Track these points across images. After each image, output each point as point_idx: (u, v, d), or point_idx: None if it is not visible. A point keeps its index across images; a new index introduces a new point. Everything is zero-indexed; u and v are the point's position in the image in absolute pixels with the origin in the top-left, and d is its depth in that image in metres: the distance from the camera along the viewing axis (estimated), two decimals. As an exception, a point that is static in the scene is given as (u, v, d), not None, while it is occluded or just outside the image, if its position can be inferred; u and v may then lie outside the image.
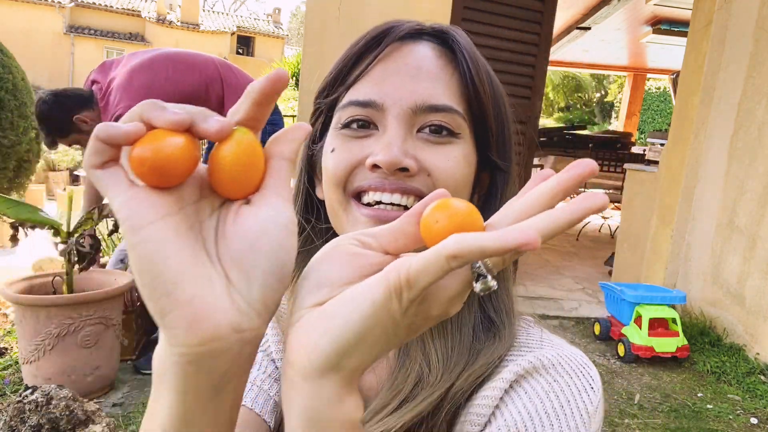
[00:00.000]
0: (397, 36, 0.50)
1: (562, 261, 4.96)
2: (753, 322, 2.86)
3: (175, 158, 0.28)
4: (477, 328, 0.50)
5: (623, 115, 10.61)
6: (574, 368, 0.46)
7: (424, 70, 0.48)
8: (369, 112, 0.48)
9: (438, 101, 0.47)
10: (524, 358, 0.46)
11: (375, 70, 0.49)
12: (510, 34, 3.57)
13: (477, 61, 0.49)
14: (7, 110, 4.67)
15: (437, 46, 0.50)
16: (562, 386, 0.44)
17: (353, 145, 0.48)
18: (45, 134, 2.20)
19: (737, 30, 3.16)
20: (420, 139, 0.48)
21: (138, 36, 20.60)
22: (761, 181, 2.89)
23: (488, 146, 0.51)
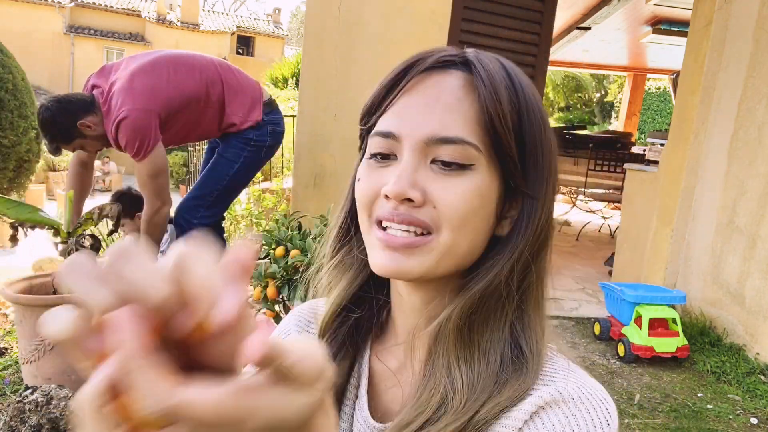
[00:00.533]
0: (424, 67, 0.51)
1: (562, 261, 4.96)
2: (753, 322, 2.86)
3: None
4: (505, 356, 0.50)
5: (623, 115, 10.61)
6: (594, 403, 0.48)
7: (442, 101, 0.49)
8: (389, 143, 0.51)
9: (449, 133, 0.48)
10: (546, 390, 0.48)
11: (398, 102, 0.51)
12: (510, 34, 3.57)
13: (498, 85, 0.49)
14: (7, 110, 4.67)
15: (463, 74, 0.51)
16: (579, 421, 0.46)
17: (375, 175, 0.51)
18: (49, 141, 2.17)
19: (737, 30, 3.16)
20: (432, 170, 0.49)
21: (138, 36, 20.59)
22: (761, 181, 2.89)
23: (512, 174, 0.51)
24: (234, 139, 2.41)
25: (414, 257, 0.49)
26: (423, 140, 0.49)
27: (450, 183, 0.49)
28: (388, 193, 0.48)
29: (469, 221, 0.49)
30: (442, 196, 0.49)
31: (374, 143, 0.52)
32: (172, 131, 2.28)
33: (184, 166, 13.28)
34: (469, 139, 0.49)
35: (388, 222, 0.49)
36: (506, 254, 0.51)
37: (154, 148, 2.17)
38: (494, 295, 0.51)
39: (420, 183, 0.49)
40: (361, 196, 0.52)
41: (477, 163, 0.49)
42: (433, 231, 0.49)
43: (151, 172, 2.21)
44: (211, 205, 2.42)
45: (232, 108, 2.37)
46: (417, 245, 0.49)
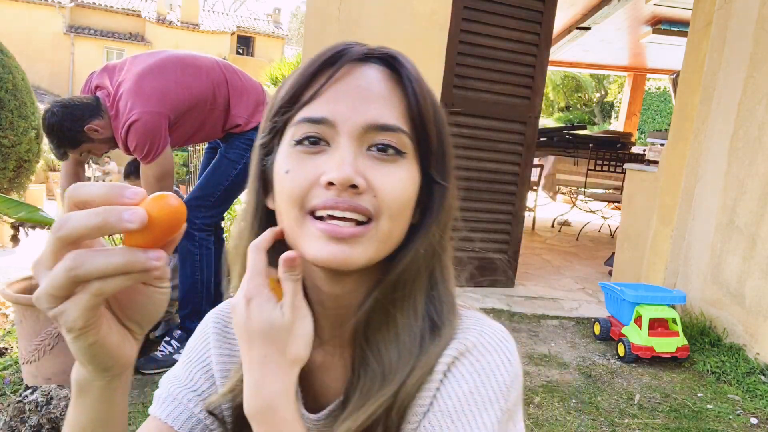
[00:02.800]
0: (350, 58, 0.52)
1: (562, 261, 4.96)
2: (753, 322, 2.86)
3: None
4: (423, 329, 0.54)
5: (623, 115, 10.60)
6: (494, 344, 0.53)
7: (375, 92, 0.51)
8: (321, 129, 0.51)
9: (387, 121, 0.51)
10: (452, 346, 0.53)
11: (328, 90, 0.51)
12: (510, 34, 3.57)
13: (421, 84, 0.53)
14: (7, 110, 4.67)
15: (385, 69, 0.54)
16: (483, 364, 0.51)
17: (307, 164, 0.51)
18: (56, 146, 2.14)
19: (737, 30, 3.16)
20: (369, 158, 0.51)
21: (138, 36, 20.59)
22: (761, 181, 2.89)
23: (429, 164, 0.54)
24: (237, 140, 2.41)
25: (358, 246, 0.49)
26: (362, 126, 0.50)
27: (388, 171, 0.50)
28: (332, 180, 0.48)
29: (404, 209, 0.52)
30: (382, 183, 0.50)
31: (302, 129, 0.51)
32: (178, 133, 2.27)
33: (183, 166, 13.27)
34: (403, 128, 0.51)
35: (330, 210, 0.48)
36: (421, 240, 0.54)
37: (164, 150, 2.17)
38: (407, 279, 0.54)
39: (361, 170, 0.49)
40: (292, 187, 0.50)
41: (408, 153, 0.52)
42: (374, 219, 0.50)
43: (159, 175, 2.20)
44: (212, 205, 2.41)
45: (237, 110, 2.36)
46: (362, 234, 0.49)
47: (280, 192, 0.52)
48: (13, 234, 2.02)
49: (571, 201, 7.22)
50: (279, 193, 0.53)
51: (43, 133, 2.17)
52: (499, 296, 3.64)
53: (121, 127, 2.12)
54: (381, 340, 0.53)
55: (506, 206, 3.76)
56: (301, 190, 0.50)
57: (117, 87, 2.16)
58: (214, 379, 0.63)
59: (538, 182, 6.76)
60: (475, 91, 3.54)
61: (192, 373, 0.63)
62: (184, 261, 2.39)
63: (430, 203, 0.55)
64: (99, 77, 2.24)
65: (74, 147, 2.16)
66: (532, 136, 3.74)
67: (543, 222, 6.93)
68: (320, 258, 0.49)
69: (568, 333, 3.14)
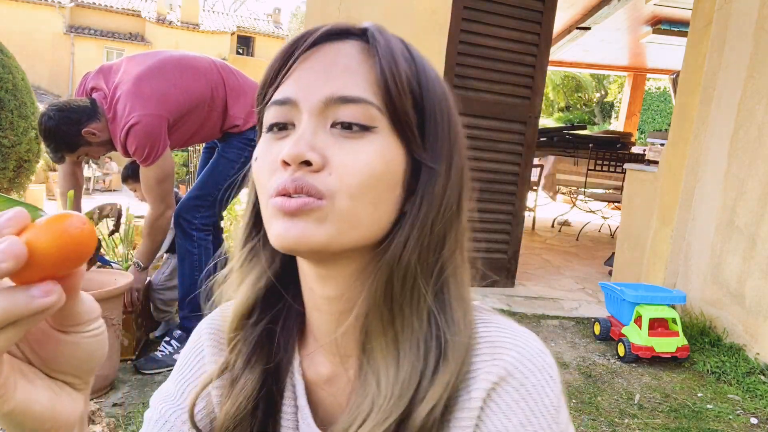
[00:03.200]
0: (319, 35, 0.49)
1: (562, 261, 4.96)
2: (753, 322, 2.86)
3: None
4: (428, 345, 0.48)
5: (623, 115, 10.61)
6: (535, 362, 0.48)
7: (341, 65, 0.47)
8: (286, 111, 0.48)
9: (350, 92, 0.46)
10: (491, 370, 0.47)
11: (296, 69, 0.48)
12: (510, 34, 3.57)
13: (395, 50, 0.48)
14: (7, 110, 4.67)
15: (361, 43, 0.49)
16: (529, 389, 0.46)
17: (272, 148, 0.48)
18: (53, 150, 2.12)
19: (737, 30, 3.16)
20: (333, 135, 0.46)
21: (138, 36, 20.60)
22: (761, 181, 2.89)
23: (411, 141, 0.48)
24: (235, 139, 2.41)
25: (311, 223, 0.44)
26: (322, 101, 0.46)
27: (351, 146, 0.46)
28: (285, 158, 0.44)
29: (370, 188, 0.46)
30: (341, 159, 0.45)
31: (270, 115, 0.49)
32: (177, 135, 2.27)
33: (183, 166, 13.27)
34: (370, 99, 0.46)
35: (285, 194, 0.45)
36: (407, 225, 0.48)
37: (163, 152, 2.16)
38: (407, 275, 0.48)
39: (319, 146, 0.45)
40: (259, 174, 0.48)
41: (380, 126, 0.47)
42: (325, 197, 0.44)
43: (159, 177, 2.20)
44: (211, 205, 2.41)
45: (235, 110, 2.36)
46: (312, 207, 0.44)
47: (255, 183, 0.50)
48: (13, 234, 2.02)
49: (571, 201, 7.22)
50: (255, 185, 0.50)
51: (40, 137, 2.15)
52: (499, 296, 3.63)
53: (120, 131, 2.10)
54: (377, 349, 0.48)
55: (506, 206, 3.76)
56: (265, 174, 0.47)
57: (114, 89, 2.14)
58: (210, 396, 0.57)
59: (538, 182, 6.76)
60: (475, 91, 3.54)
61: (186, 390, 0.58)
62: (183, 261, 2.39)
63: (419, 187, 0.49)
64: (94, 79, 2.22)
65: (72, 151, 2.14)
66: (532, 136, 3.74)
67: (543, 222, 6.93)
68: (276, 236, 0.46)
69: (568, 333, 3.14)
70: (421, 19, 3.39)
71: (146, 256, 2.38)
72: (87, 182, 13.07)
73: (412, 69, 0.49)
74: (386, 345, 0.48)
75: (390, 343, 0.48)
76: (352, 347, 0.52)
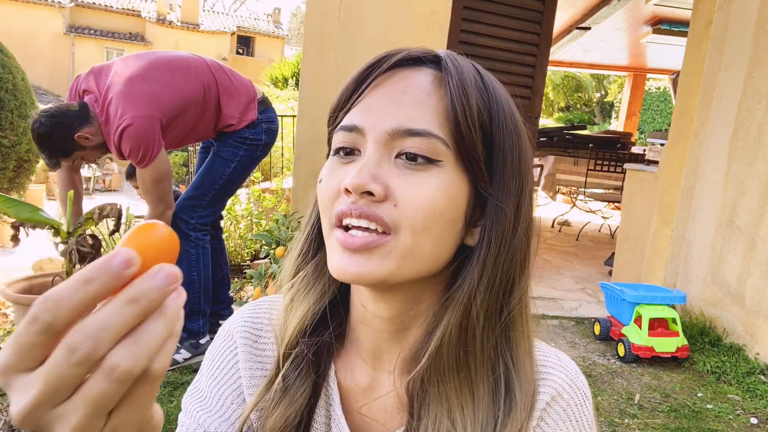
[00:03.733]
0: (393, 62, 0.49)
1: (562, 261, 4.96)
2: (753, 322, 2.86)
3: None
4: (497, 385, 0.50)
5: (623, 115, 10.61)
6: (576, 384, 0.53)
7: (409, 95, 0.47)
8: (353, 137, 0.48)
9: (416, 125, 0.46)
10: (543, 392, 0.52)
11: (367, 96, 0.49)
12: (510, 34, 3.57)
13: (467, 81, 0.47)
14: (7, 110, 4.67)
15: (433, 71, 0.49)
16: (573, 409, 0.52)
17: (337, 172, 0.48)
18: (47, 157, 2.10)
19: (737, 30, 3.16)
20: (397, 165, 0.46)
21: (138, 36, 20.59)
22: (761, 181, 2.89)
23: (477, 176, 0.48)
24: (230, 138, 2.40)
25: (373, 259, 0.45)
26: (387, 132, 0.46)
27: (415, 179, 0.46)
28: (347, 186, 0.45)
29: (433, 222, 0.46)
30: (405, 192, 0.45)
31: (338, 139, 0.49)
32: (170, 136, 2.26)
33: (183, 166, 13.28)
34: (436, 132, 0.46)
35: (346, 217, 0.46)
36: (475, 263, 0.48)
37: (158, 153, 2.16)
38: (479, 316, 0.48)
39: (382, 177, 0.45)
40: (322, 196, 0.49)
41: (445, 160, 0.46)
42: (392, 231, 0.45)
43: (155, 178, 2.20)
44: (207, 204, 2.41)
45: (228, 110, 2.35)
46: (375, 245, 0.45)
47: (319, 203, 0.51)
48: (14, 234, 2.02)
49: (571, 201, 7.22)
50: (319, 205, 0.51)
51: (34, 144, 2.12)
52: (499, 296, 3.64)
53: (113, 133, 2.09)
54: (449, 385, 0.48)
55: (506, 206, 3.76)
56: (329, 198, 0.48)
57: (106, 91, 2.12)
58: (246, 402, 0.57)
59: (538, 182, 6.76)
60: (475, 91, 3.54)
61: (222, 396, 0.56)
62: (181, 261, 2.38)
63: (486, 224, 0.48)
64: (86, 81, 2.19)
65: (67, 156, 2.12)
66: (532, 136, 3.74)
67: (543, 222, 6.93)
68: (335, 270, 0.47)
69: (568, 333, 3.14)
70: (421, 19, 3.39)
71: None
72: (87, 182, 13.07)
73: (483, 101, 0.48)
74: (459, 383, 0.48)
75: (464, 382, 0.49)
76: (400, 365, 0.53)
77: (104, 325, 0.26)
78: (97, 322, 0.26)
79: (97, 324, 0.26)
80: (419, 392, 0.50)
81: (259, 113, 2.45)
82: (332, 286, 0.55)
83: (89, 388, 0.26)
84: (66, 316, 0.26)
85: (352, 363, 0.56)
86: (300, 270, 0.56)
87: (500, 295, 0.49)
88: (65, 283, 0.27)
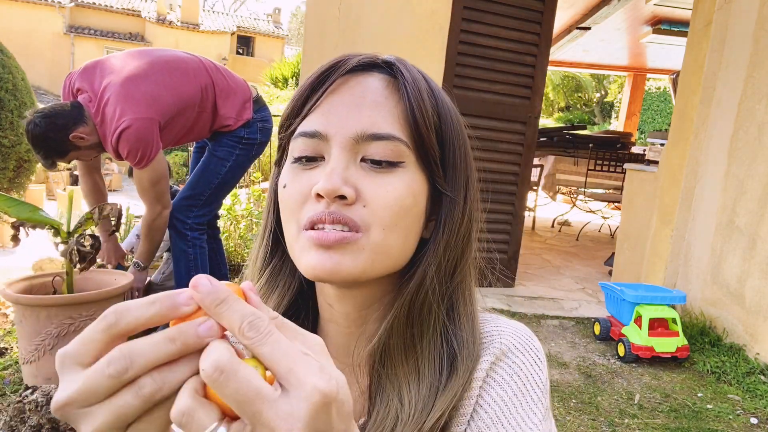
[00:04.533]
0: (347, 68, 0.51)
1: (562, 261, 4.96)
2: (753, 322, 2.86)
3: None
4: (442, 359, 0.52)
5: (623, 115, 10.60)
6: (526, 346, 0.53)
7: (369, 99, 0.49)
8: (315, 144, 0.49)
9: (379, 129, 0.48)
10: (490, 351, 0.52)
11: (324, 102, 0.50)
12: (510, 34, 3.57)
13: (420, 88, 0.51)
14: (7, 110, 4.67)
15: (385, 77, 0.52)
16: (521, 366, 0.52)
17: (302, 177, 0.50)
18: (43, 157, 2.09)
19: (737, 30, 3.16)
20: (363, 168, 0.49)
21: (138, 36, 20.59)
22: (761, 181, 2.89)
23: (434, 173, 0.52)
24: (225, 137, 2.40)
25: (347, 255, 0.47)
26: (352, 137, 0.48)
27: (382, 180, 0.48)
28: (320, 191, 0.46)
29: (401, 220, 0.49)
30: (374, 193, 0.48)
31: (299, 146, 0.50)
32: (167, 136, 2.26)
33: (184, 166, 13.28)
34: (398, 135, 0.49)
35: (320, 223, 0.47)
36: (431, 255, 0.51)
37: (156, 155, 2.16)
38: (426, 300, 0.51)
39: (351, 180, 0.47)
40: (288, 201, 0.50)
41: (407, 161, 0.50)
42: (362, 230, 0.47)
43: (153, 179, 2.19)
44: (203, 204, 2.42)
45: (224, 111, 2.35)
46: (348, 240, 0.47)
47: (281, 209, 0.52)
48: (14, 234, 2.02)
49: (571, 201, 7.22)
50: (281, 210, 0.52)
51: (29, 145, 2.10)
52: (499, 296, 3.63)
53: (111, 134, 2.08)
54: (399, 367, 0.51)
55: (506, 206, 3.76)
56: (295, 203, 0.49)
57: (102, 90, 2.09)
58: None
59: (538, 182, 6.76)
60: (475, 91, 3.54)
61: None
62: (179, 261, 2.40)
63: (440, 217, 0.52)
64: (79, 79, 2.16)
65: (62, 156, 2.11)
66: (532, 136, 3.74)
67: (543, 222, 6.93)
68: (309, 267, 0.48)
69: (568, 333, 3.14)
70: (421, 19, 3.39)
71: (145, 257, 2.38)
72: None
73: (433, 103, 0.52)
74: (407, 363, 0.51)
75: (411, 361, 0.51)
76: (364, 359, 0.55)
77: (141, 352, 0.30)
78: (137, 347, 0.30)
79: (136, 349, 0.30)
80: (374, 377, 0.53)
81: (254, 112, 2.45)
82: (292, 287, 0.57)
83: (117, 398, 0.30)
84: (126, 324, 0.31)
85: None
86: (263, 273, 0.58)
87: (446, 277, 0.53)
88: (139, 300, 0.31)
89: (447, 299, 0.53)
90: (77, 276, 2.14)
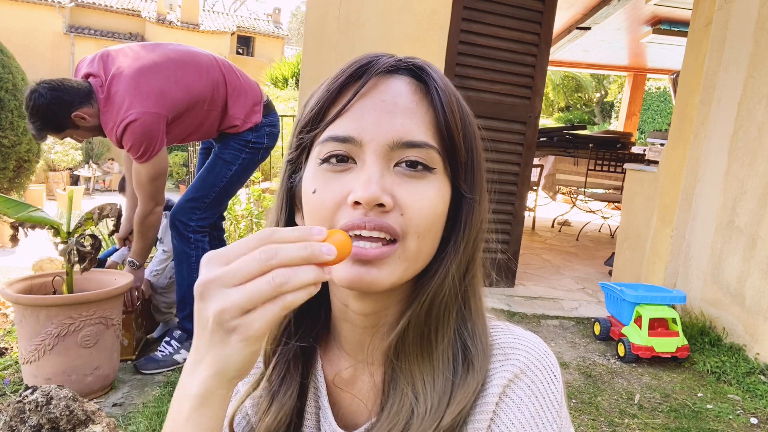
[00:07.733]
0: (376, 71, 0.51)
1: (562, 261, 4.96)
2: (753, 322, 2.86)
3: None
4: (456, 356, 0.53)
5: (623, 115, 10.60)
6: (542, 362, 0.52)
7: (401, 106, 0.50)
8: (347, 147, 0.49)
9: (414, 137, 0.49)
10: (506, 369, 0.52)
11: (354, 106, 0.50)
12: (510, 34, 3.57)
13: (449, 94, 0.52)
14: (7, 110, 4.67)
15: (412, 80, 0.52)
16: (538, 386, 0.51)
17: (334, 183, 0.49)
18: (37, 129, 2.05)
19: (737, 30, 3.16)
20: (397, 174, 0.49)
21: (138, 36, 20.59)
22: (761, 181, 2.89)
23: (459, 177, 0.53)
24: (232, 140, 2.39)
25: (385, 268, 0.48)
26: (388, 144, 0.48)
27: (416, 188, 0.49)
28: (359, 199, 0.46)
29: (433, 226, 0.50)
30: (410, 201, 0.48)
31: (328, 148, 0.50)
32: (175, 132, 2.25)
33: (183, 166, 13.27)
34: (431, 143, 0.50)
35: (358, 230, 0.47)
36: (452, 254, 0.53)
37: (159, 151, 2.15)
38: (444, 297, 0.52)
39: (388, 188, 0.48)
40: (319, 208, 0.50)
41: (438, 168, 0.50)
42: (400, 238, 0.48)
43: (152, 175, 2.18)
44: (207, 207, 2.40)
45: (234, 110, 2.34)
46: (387, 255, 0.48)
47: (308, 212, 0.52)
48: (13, 234, 2.02)
49: (571, 201, 7.22)
50: (307, 213, 0.52)
51: (25, 112, 2.06)
52: (499, 296, 3.63)
53: (116, 125, 2.07)
54: (414, 362, 0.52)
55: (506, 206, 3.76)
56: (328, 210, 0.49)
57: (112, 78, 2.09)
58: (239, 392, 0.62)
59: (538, 182, 6.76)
60: (475, 91, 3.55)
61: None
62: (181, 263, 2.39)
63: (458, 218, 0.53)
64: (90, 65, 2.16)
65: (58, 131, 2.09)
66: (532, 136, 3.74)
67: (543, 222, 6.93)
68: (345, 280, 0.48)
69: (568, 333, 3.14)
70: (421, 19, 3.39)
71: (140, 254, 2.37)
72: (87, 182, 13.06)
73: (459, 109, 0.52)
74: (422, 358, 0.52)
75: (426, 356, 0.52)
76: (378, 355, 0.56)
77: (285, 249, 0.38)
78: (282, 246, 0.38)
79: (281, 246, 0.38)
80: (389, 372, 0.54)
81: (264, 117, 2.44)
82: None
83: (253, 282, 0.37)
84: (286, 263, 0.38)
85: (337, 357, 0.60)
86: None
87: (462, 275, 0.54)
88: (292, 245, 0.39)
89: (462, 297, 0.54)
90: (77, 276, 2.14)
